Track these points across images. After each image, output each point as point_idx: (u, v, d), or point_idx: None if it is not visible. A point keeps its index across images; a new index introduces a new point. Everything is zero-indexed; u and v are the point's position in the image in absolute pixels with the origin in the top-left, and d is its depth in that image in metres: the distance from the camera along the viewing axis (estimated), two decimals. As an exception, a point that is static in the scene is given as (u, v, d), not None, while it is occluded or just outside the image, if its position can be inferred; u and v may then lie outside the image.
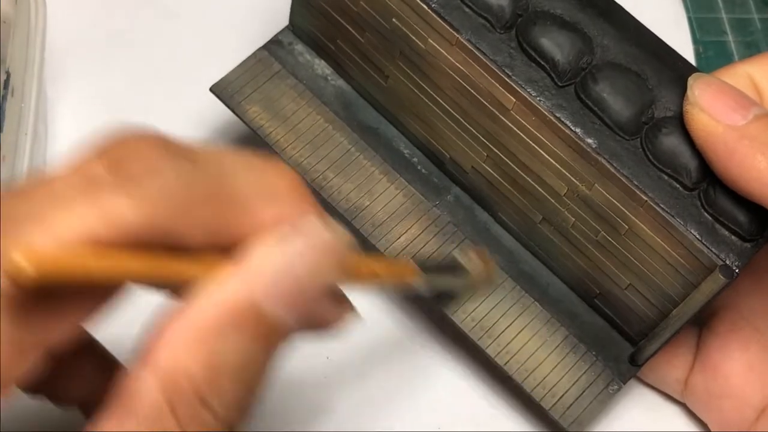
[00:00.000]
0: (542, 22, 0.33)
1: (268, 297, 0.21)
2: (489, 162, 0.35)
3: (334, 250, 0.22)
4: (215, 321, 0.21)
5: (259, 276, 0.21)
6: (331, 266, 0.22)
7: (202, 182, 0.21)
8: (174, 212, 0.20)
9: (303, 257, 0.22)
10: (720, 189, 0.31)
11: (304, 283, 0.22)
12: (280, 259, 0.21)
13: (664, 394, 0.38)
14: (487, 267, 0.34)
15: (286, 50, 0.39)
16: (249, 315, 0.21)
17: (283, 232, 0.22)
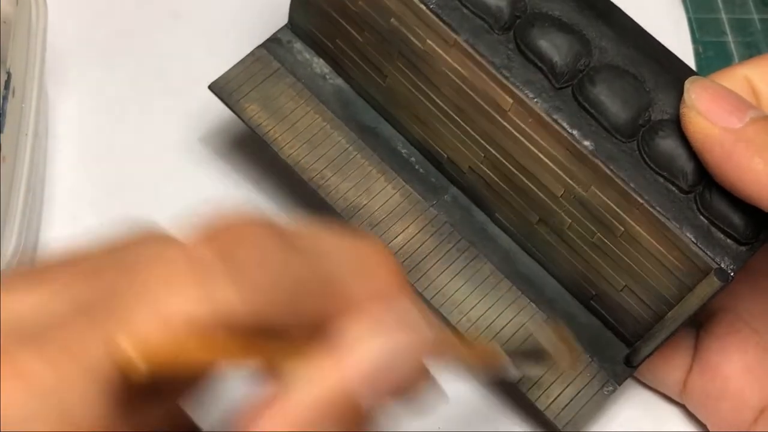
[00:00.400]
0: (540, 23, 0.33)
1: (365, 388, 0.21)
2: (486, 163, 0.35)
3: (431, 340, 0.22)
4: (312, 409, 0.20)
5: (358, 365, 0.21)
6: (425, 356, 0.22)
7: (306, 271, 0.21)
8: (277, 302, 0.20)
9: (402, 347, 0.21)
10: (716, 192, 0.31)
11: (401, 373, 0.21)
12: (379, 348, 0.21)
13: (662, 394, 0.38)
14: (569, 347, 0.34)
15: (285, 49, 0.39)
16: (345, 406, 0.20)
17: (379, 316, 0.21)
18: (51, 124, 0.40)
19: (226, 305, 0.19)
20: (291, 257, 0.20)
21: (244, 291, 0.19)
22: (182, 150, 0.41)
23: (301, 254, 0.21)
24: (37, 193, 0.37)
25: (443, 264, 0.36)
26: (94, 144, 0.41)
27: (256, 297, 0.19)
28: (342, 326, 0.21)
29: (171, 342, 0.18)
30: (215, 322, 0.19)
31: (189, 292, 0.19)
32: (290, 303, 0.20)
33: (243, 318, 0.19)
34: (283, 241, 0.21)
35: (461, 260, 0.36)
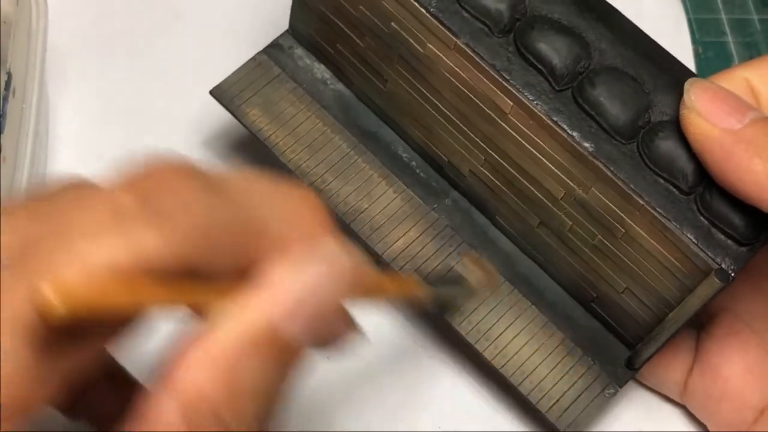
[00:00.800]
0: (540, 26, 0.33)
1: (287, 320, 0.21)
2: (487, 166, 0.36)
3: (351, 272, 0.23)
4: (236, 346, 0.21)
5: (278, 300, 0.21)
6: (347, 288, 0.23)
7: (228, 214, 0.21)
8: (200, 245, 0.20)
9: (321, 281, 0.22)
10: (716, 193, 0.31)
11: (322, 306, 0.22)
12: (299, 283, 0.21)
13: (663, 395, 0.38)
14: (486, 272, 0.35)
15: (286, 54, 0.39)
16: (268, 339, 0.21)
17: (301, 255, 0.22)
18: (51, 125, 0.41)
19: (145, 249, 0.19)
20: (214, 200, 0.21)
21: (165, 234, 0.20)
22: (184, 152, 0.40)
23: (224, 197, 0.21)
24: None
25: (444, 268, 0.36)
26: (94, 144, 0.41)
27: (178, 240, 0.20)
28: (265, 266, 0.22)
29: (91, 286, 0.18)
30: (136, 266, 0.19)
31: (109, 239, 0.19)
32: (213, 245, 0.21)
33: (165, 261, 0.20)
34: (206, 185, 0.21)
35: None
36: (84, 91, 0.42)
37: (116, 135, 0.41)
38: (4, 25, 0.37)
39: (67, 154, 0.40)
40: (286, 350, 0.21)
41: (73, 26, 0.42)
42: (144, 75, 0.42)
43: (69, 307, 0.18)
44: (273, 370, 0.21)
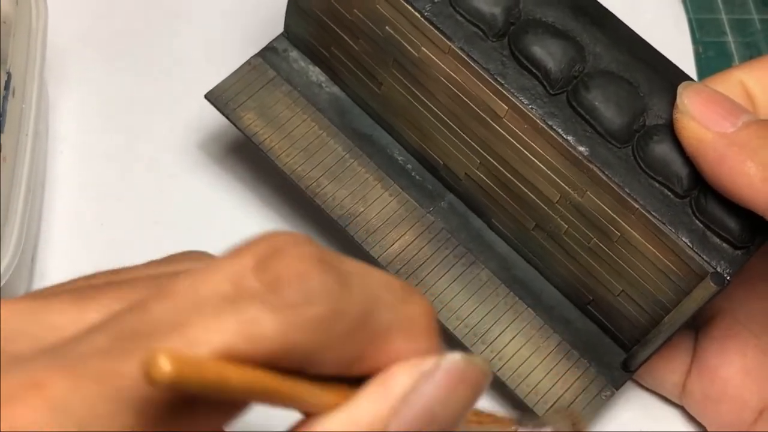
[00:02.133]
0: (534, 30, 0.33)
1: (397, 425, 0.20)
2: (482, 169, 0.35)
3: (471, 379, 0.21)
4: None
5: (391, 406, 0.20)
6: (465, 397, 0.21)
7: (351, 310, 0.20)
8: (319, 342, 0.19)
9: (435, 384, 0.20)
10: (711, 197, 0.31)
11: (436, 413, 0.21)
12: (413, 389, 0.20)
13: (661, 396, 0.38)
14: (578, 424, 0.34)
15: (281, 57, 0.39)
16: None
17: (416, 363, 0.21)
18: (51, 124, 0.41)
19: (261, 336, 0.18)
20: (338, 296, 0.20)
21: (283, 325, 0.19)
22: (181, 154, 0.41)
23: (346, 282, 0.20)
24: (37, 193, 0.37)
25: (440, 270, 0.36)
26: (94, 144, 0.41)
27: (296, 333, 0.19)
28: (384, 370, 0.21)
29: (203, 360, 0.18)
30: (247, 352, 0.18)
31: (222, 320, 0.18)
32: (331, 345, 0.20)
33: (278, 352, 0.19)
34: (327, 264, 0.20)
35: (458, 266, 0.37)
36: (83, 90, 0.42)
37: (115, 135, 0.41)
38: (4, 24, 0.37)
39: (67, 154, 0.40)
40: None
41: (72, 26, 0.42)
42: (142, 76, 0.42)
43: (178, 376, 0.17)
44: None
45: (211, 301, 0.18)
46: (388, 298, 0.21)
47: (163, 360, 0.17)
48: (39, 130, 0.36)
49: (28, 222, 0.34)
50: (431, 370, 0.21)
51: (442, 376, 0.21)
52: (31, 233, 0.36)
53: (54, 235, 0.39)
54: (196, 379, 0.17)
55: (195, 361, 0.17)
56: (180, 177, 0.40)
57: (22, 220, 0.33)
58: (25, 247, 0.34)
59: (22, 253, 0.33)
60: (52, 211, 0.39)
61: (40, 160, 0.38)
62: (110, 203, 0.40)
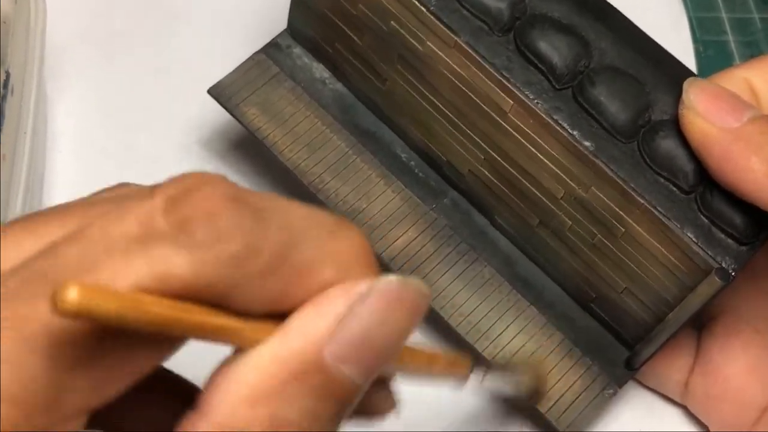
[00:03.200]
0: (540, 25, 0.33)
1: (334, 352, 0.19)
2: (486, 165, 0.35)
3: (407, 300, 0.21)
4: (277, 376, 0.19)
5: (324, 330, 0.19)
6: (403, 319, 0.20)
7: (268, 245, 0.19)
8: (232, 273, 0.19)
9: (371, 306, 0.20)
10: (716, 192, 0.31)
11: (374, 337, 0.20)
12: (347, 311, 0.20)
13: (664, 395, 0.38)
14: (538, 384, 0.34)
15: (285, 53, 0.39)
16: (314, 372, 0.19)
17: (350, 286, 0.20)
18: (50, 123, 0.40)
19: (173, 273, 0.18)
20: (253, 232, 0.19)
21: (194, 262, 0.18)
22: (182, 151, 0.41)
23: (267, 229, 0.20)
24: (35, 192, 0.37)
25: (443, 267, 0.36)
26: (93, 143, 0.41)
27: (208, 270, 0.19)
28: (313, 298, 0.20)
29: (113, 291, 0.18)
30: (162, 290, 0.18)
31: (134, 260, 0.18)
32: (248, 282, 0.19)
33: (192, 288, 0.19)
34: (250, 211, 0.19)
35: (461, 263, 0.36)
36: (82, 89, 0.42)
37: (114, 133, 0.41)
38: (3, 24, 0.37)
39: (66, 153, 0.40)
40: (336, 389, 0.20)
41: (71, 25, 0.42)
42: (142, 73, 0.42)
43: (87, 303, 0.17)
44: (321, 410, 0.20)
45: (120, 243, 0.18)
46: (312, 231, 0.21)
47: (70, 289, 0.17)
48: (38, 129, 0.36)
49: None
50: (365, 292, 0.20)
51: (377, 297, 0.20)
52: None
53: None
54: (106, 308, 0.17)
55: (105, 289, 0.17)
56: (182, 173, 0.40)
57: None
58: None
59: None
60: (50, 208, 0.39)
61: (39, 158, 0.38)
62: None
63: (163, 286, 0.18)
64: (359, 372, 0.20)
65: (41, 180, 0.39)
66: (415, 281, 0.21)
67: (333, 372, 0.20)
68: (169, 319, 0.18)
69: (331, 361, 0.20)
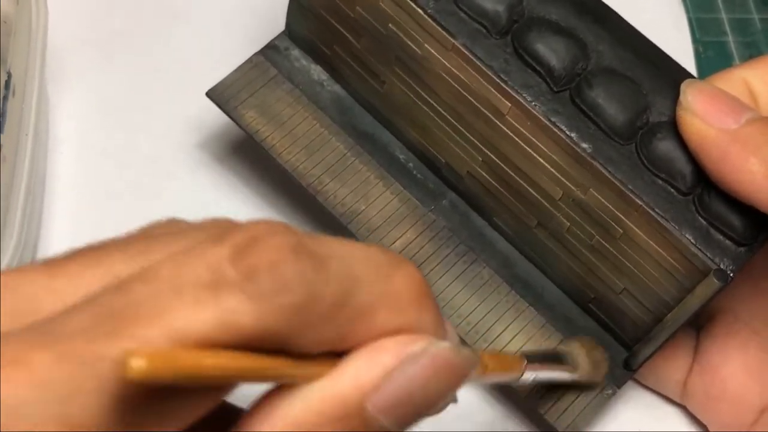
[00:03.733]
0: (538, 27, 0.33)
1: (376, 402, 0.20)
2: (484, 167, 0.36)
3: (456, 368, 0.21)
4: (321, 415, 0.20)
5: (372, 380, 0.20)
6: (447, 385, 0.21)
7: (328, 293, 0.20)
8: (292, 319, 0.19)
9: (419, 368, 0.21)
10: (714, 194, 0.31)
11: (416, 397, 0.21)
12: (396, 365, 0.20)
13: (662, 395, 0.38)
14: (595, 362, 0.34)
15: (283, 55, 0.39)
16: (353, 416, 0.20)
17: (404, 343, 0.21)
18: (51, 125, 0.41)
19: (237, 320, 0.19)
20: (310, 268, 0.20)
21: (259, 312, 0.19)
22: (181, 152, 0.41)
23: (322, 266, 0.20)
24: (37, 194, 0.37)
25: (442, 268, 0.36)
26: (94, 144, 0.41)
27: (272, 319, 0.19)
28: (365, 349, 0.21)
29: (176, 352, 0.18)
30: (224, 339, 0.19)
31: (200, 307, 0.19)
32: (306, 317, 0.20)
33: (254, 332, 0.19)
34: (302, 250, 0.20)
35: (460, 265, 0.37)
36: (83, 90, 0.42)
37: (115, 135, 0.41)
38: (4, 24, 0.37)
39: (67, 154, 0.40)
40: None
41: (72, 26, 0.42)
42: (143, 75, 0.42)
43: (151, 369, 0.17)
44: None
45: (191, 289, 0.19)
46: (369, 275, 0.21)
47: (135, 359, 0.17)
48: (39, 130, 0.35)
49: (28, 222, 0.34)
50: (418, 353, 0.21)
51: (428, 360, 0.21)
52: (31, 233, 0.36)
53: (54, 235, 0.39)
54: (171, 372, 0.17)
55: (169, 354, 0.18)
56: (181, 175, 0.40)
57: (22, 220, 0.33)
58: (25, 246, 0.34)
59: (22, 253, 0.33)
60: (52, 211, 0.39)
61: (40, 159, 0.38)
62: (110, 203, 0.40)
63: (228, 336, 0.19)
64: (395, 423, 0.21)
65: (43, 181, 0.39)
66: (467, 351, 0.22)
67: (371, 421, 0.20)
68: (231, 372, 0.19)
69: (372, 410, 0.20)
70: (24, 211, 0.33)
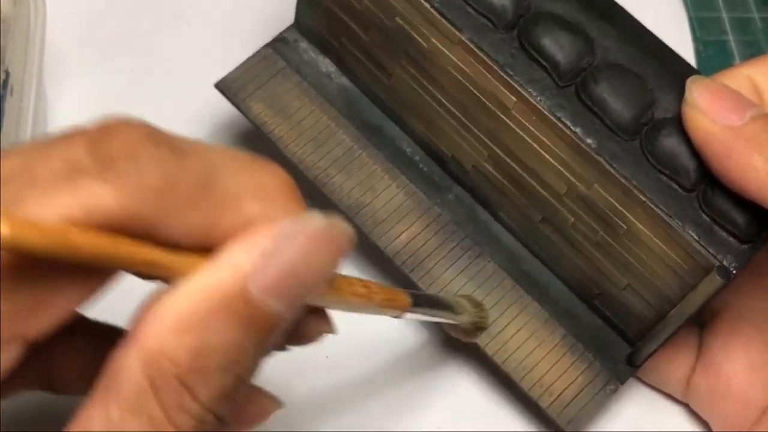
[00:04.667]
0: (544, 22, 0.33)
1: (259, 285, 0.21)
2: (490, 161, 0.36)
3: (332, 240, 0.22)
4: (203, 306, 0.20)
5: (250, 263, 0.20)
6: (327, 257, 0.22)
7: (188, 177, 0.21)
8: (156, 205, 0.20)
9: (296, 244, 0.21)
10: (718, 191, 0.31)
11: (299, 273, 0.21)
12: (272, 245, 0.21)
13: (665, 392, 0.38)
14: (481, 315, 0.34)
15: (291, 48, 0.39)
16: (239, 302, 0.20)
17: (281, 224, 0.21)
18: (49, 124, 0.40)
19: (98, 203, 0.19)
20: (170, 160, 0.20)
21: (115, 189, 0.19)
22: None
23: (186, 162, 0.21)
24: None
25: (447, 262, 0.37)
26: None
27: (129, 196, 0.20)
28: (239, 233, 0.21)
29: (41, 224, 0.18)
30: (88, 221, 0.19)
31: (59, 193, 0.19)
32: (170, 208, 0.20)
33: (118, 217, 0.19)
34: (168, 148, 0.21)
35: (465, 258, 0.37)
36: (82, 89, 0.42)
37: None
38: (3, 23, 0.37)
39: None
40: (260, 319, 0.21)
41: (71, 24, 0.42)
42: (145, 72, 0.42)
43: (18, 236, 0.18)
44: (245, 339, 0.21)
45: (46, 179, 0.19)
46: (232, 167, 0.22)
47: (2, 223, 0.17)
48: (37, 129, 0.36)
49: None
50: (292, 232, 0.21)
51: (304, 236, 0.21)
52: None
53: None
54: (38, 240, 0.18)
55: (36, 223, 0.18)
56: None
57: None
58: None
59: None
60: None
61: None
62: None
63: (91, 219, 0.19)
64: (283, 303, 0.21)
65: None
66: (339, 222, 0.22)
67: (258, 304, 0.21)
68: (99, 250, 0.19)
69: (257, 293, 0.21)
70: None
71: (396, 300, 0.28)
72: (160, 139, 0.21)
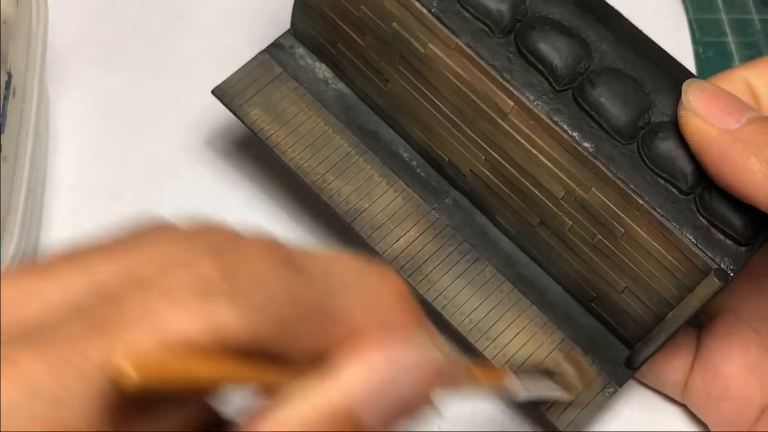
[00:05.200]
0: (541, 27, 0.33)
1: (367, 407, 0.20)
2: (487, 165, 0.36)
3: (441, 370, 0.22)
4: (307, 422, 0.20)
5: (360, 384, 0.20)
6: (435, 386, 0.22)
7: (311, 300, 0.20)
8: (277, 327, 0.20)
9: (413, 378, 0.21)
10: (716, 193, 0.32)
11: (407, 400, 0.21)
12: (390, 375, 0.21)
13: (663, 394, 0.38)
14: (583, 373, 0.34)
15: (288, 54, 0.39)
16: (345, 423, 0.20)
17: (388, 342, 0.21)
18: (51, 125, 0.41)
19: (224, 326, 0.19)
20: (295, 281, 0.20)
21: (242, 314, 0.19)
22: (183, 152, 0.41)
23: (306, 278, 0.20)
24: (37, 194, 0.38)
25: (445, 267, 0.37)
26: (95, 144, 0.41)
27: (256, 321, 0.19)
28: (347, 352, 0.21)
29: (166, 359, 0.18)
30: (211, 342, 0.19)
31: (190, 312, 0.19)
32: (291, 326, 0.20)
33: (240, 341, 0.19)
34: (288, 263, 0.20)
35: (462, 263, 0.37)
36: (84, 90, 0.42)
37: (116, 134, 0.41)
38: (5, 25, 0.37)
39: (67, 154, 0.41)
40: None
41: (73, 26, 0.42)
42: (145, 74, 0.42)
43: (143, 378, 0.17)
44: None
45: (180, 294, 0.19)
46: (349, 277, 0.21)
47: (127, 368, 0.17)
48: (39, 131, 0.36)
49: (28, 222, 0.34)
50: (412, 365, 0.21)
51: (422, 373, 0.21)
52: (31, 233, 0.36)
53: (54, 235, 0.39)
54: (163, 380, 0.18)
55: (160, 362, 0.18)
56: (184, 174, 0.40)
57: (23, 220, 0.33)
58: (26, 247, 0.34)
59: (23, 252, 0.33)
60: (52, 211, 0.39)
61: (41, 160, 0.39)
62: (111, 203, 0.40)
63: (215, 341, 0.19)
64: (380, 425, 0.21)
65: (43, 182, 0.39)
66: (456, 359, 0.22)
67: (359, 423, 0.20)
68: (219, 377, 0.19)
69: (367, 420, 0.20)
70: (24, 211, 0.33)
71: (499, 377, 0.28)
72: (285, 255, 0.20)
